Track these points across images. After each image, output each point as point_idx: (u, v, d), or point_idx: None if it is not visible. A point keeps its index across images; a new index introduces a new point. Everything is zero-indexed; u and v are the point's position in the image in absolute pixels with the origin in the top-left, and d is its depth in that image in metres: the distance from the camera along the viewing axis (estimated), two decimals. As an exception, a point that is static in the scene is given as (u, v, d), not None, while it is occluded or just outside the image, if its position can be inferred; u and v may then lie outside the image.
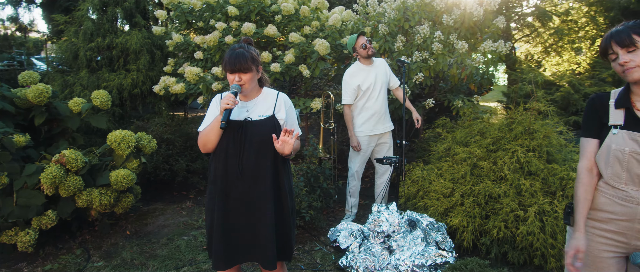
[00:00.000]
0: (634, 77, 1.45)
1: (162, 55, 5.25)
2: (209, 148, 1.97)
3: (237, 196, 1.95)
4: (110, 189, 3.36)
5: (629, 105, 1.53)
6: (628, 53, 1.44)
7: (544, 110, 3.64)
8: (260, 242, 1.97)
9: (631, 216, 1.50)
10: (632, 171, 1.48)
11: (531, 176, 3.23)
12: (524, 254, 3.02)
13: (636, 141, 1.47)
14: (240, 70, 1.90)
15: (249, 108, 2.01)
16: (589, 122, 1.61)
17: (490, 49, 4.14)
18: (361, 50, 3.61)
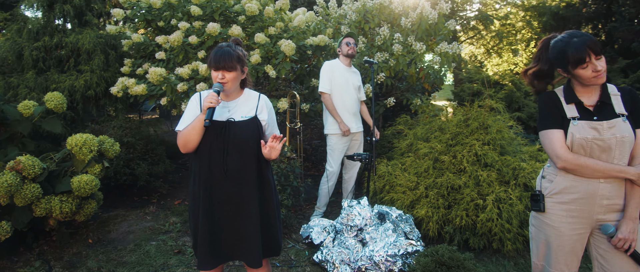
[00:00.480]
0: (602, 81, 1.68)
1: (116, 56, 5.03)
2: (190, 147, 1.95)
3: (222, 196, 1.95)
4: (72, 196, 3.20)
5: (578, 100, 1.75)
6: (597, 60, 1.65)
7: (495, 107, 3.95)
8: (245, 241, 1.98)
9: (592, 193, 1.72)
10: (593, 154, 1.70)
11: (487, 167, 3.50)
12: (483, 240, 3.27)
13: (595, 129, 1.69)
14: (225, 68, 1.92)
15: (230, 108, 2.01)
16: (552, 116, 1.80)
17: (445, 50, 4.41)
18: (345, 46, 3.79)
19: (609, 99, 1.74)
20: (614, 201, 1.72)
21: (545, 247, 1.85)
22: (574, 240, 1.78)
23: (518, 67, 12.88)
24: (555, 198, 1.80)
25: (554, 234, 1.80)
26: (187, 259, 3.18)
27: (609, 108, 1.73)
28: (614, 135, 1.68)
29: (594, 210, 1.73)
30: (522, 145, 3.96)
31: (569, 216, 1.77)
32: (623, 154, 1.70)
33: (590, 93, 1.76)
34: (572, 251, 1.79)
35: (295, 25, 4.30)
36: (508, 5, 11.12)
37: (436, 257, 2.48)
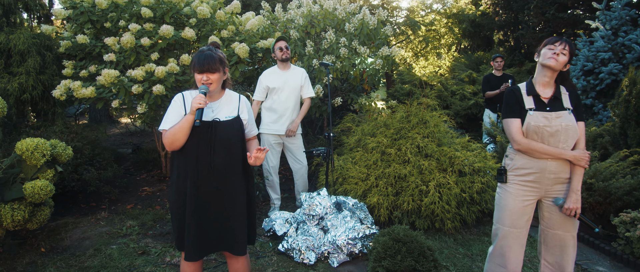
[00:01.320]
0: (551, 63, 2.15)
1: (53, 57, 4.79)
2: (177, 146, 2.07)
3: (209, 190, 2.09)
4: (24, 203, 3.07)
5: (535, 93, 2.20)
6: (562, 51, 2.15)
7: (432, 104, 4.45)
8: (231, 231, 2.14)
9: (543, 168, 2.18)
10: (544, 138, 2.16)
11: (428, 157, 3.97)
12: (427, 221, 3.72)
13: (546, 118, 2.16)
14: (209, 70, 2.07)
15: (214, 108, 2.16)
16: (513, 107, 2.25)
17: (386, 53, 4.85)
18: (278, 51, 3.96)
19: (560, 95, 2.21)
20: (559, 175, 2.19)
21: (503, 209, 2.29)
22: (525, 205, 2.24)
23: (442, 69, 14.08)
24: (515, 172, 2.26)
25: (510, 199, 2.26)
26: (153, 258, 3.22)
27: (559, 102, 2.20)
28: (560, 123, 2.15)
29: (544, 182, 2.20)
30: (455, 137, 4.51)
31: (524, 186, 2.23)
32: (567, 139, 2.15)
33: (545, 87, 2.22)
34: (522, 213, 2.25)
35: (247, 29, 4.45)
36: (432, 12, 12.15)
37: (393, 235, 2.82)
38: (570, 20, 7.25)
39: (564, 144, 2.17)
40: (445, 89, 7.66)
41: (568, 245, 2.24)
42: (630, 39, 5.40)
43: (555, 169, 2.18)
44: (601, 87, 5.61)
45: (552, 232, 2.27)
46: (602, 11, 5.86)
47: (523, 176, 2.24)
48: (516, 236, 2.28)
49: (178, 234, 2.16)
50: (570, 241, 2.24)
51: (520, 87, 2.29)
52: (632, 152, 3.95)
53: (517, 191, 2.26)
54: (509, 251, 2.30)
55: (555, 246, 2.27)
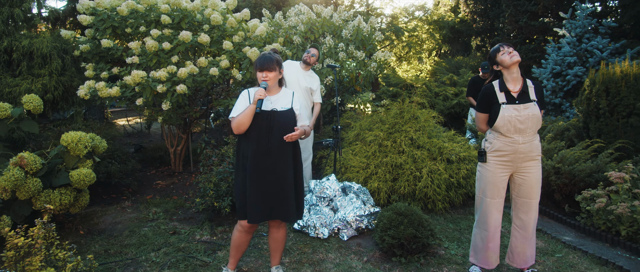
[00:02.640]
0: (516, 59, 2.64)
1: (71, 60, 5.14)
2: (242, 130, 2.52)
3: (267, 167, 2.55)
4: (70, 188, 3.46)
5: (507, 89, 2.72)
6: (508, 48, 2.66)
7: (422, 102, 5.02)
8: (285, 202, 2.60)
9: (514, 150, 2.70)
10: (515, 126, 2.67)
11: (420, 148, 4.51)
12: (421, 203, 4.25)
13: (516, 109, 2.66)
14: (267, 69, 2.55)
15: (273, 101, 2.64)
16: (483, 104, 2.79)
17: (381, 57, 5.40)
18: (308, 56, 4.40)
19: (527, 89, 2.72)
20: (528, 154, 2.71)
21: (484, 183, 2.81)
22: (501, 179, 2.77)
23: (423, 73, 14.82)
24: (493, 154, 2.77)
25: (490, 175, 2.77)
26: (184, 237, 3.64)
27: (527, 95, 2.71)
28: (528, 113, 2.66)
29: (516, 160, 2.72)
30: (442, 131, 5.08)
31: (500, 164, 2.76)
32: (533, 126, 2.68)
33: (514, 83, 2.72)
34: (501, 186, 2.77)
35: (256, 34, 4.92)
36: (414, 19, 12.87)
37: (396, 210, 3.34)
38: (541, 27, 8.00)
39: (531, 130, 2.69)
40: (429, 91, 8.28)
41: (532, 209, 2.78)
42: (592, 45, 6.13)
43: (525, 149, 2.70)
44: (568, 88, 6.32)
45: (521, 199, 2.81)
46: (568, 20, 6.59)
47: (500, 157, 2.76)
48: (494, 205, 2.81)
49: (241, 204, 2.60)
50: (534, 206, 2.79)
51: (493, 85, 2.79)
52: (593, 142, 4.61)
53: (495, 168, 2.78)
54: (490, 217, 2.83)
55: (522, 211, 2.81)
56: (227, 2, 5.24)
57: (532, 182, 2.74)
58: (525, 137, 2.68)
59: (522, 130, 2.67)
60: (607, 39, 6.10)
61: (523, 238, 2.84)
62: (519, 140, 2.68)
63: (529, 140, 2.69)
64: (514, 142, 2.69)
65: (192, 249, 3.38)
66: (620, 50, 6.08)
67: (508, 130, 2.69)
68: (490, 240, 2.84)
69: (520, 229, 2.84)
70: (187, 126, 5.55)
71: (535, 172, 2.75)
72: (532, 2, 8.03)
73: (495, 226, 2.83)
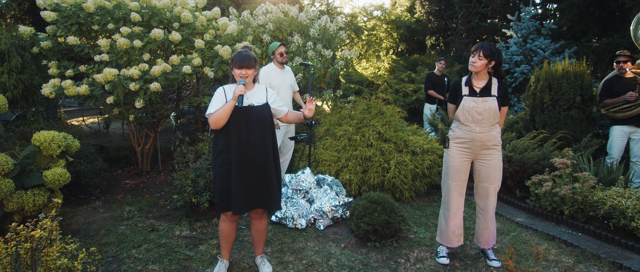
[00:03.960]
0: (470, 69, 2.96)
1: (31, 57, 4.94)
2: (220, 125, 2.63)
3: (248, 159, 2.67)
4: (43, 189, 3.39)
5: (471, 84, 3.03)
6: (478, 59, 2.93)
7: (387, 98, 5.31)
8: (268, 192, 2.74)
9: (471, 138, 3.01)
10: (473, 116, 2.98)
11: (387, 141, 4.80)
12: (389, 193, 4.54)
13: (475, 102, 2.97)
14: (247, 66, 2.67)
15: (249, 97, 2.76)
16: (452, 95, 3.10)
17: (346, 56, 5.64)
18: (279, 56, 4.56)
19: (490, 86, 3.01)
20: (485, 143, 3.03)
21: (447, 167, 3.11)
22: (462, 164, 3.08)
23: (381, 71, 15.33)
24: (455, 140, 3.09)
25: (452, 160, 3.09)
26: (163, 233, 3.68)
27: (488, 91, 3.01)
28: (484, 106, 2.97)
29: (474, 147, 3.04)
30: (406, 125, 5.41)
31: (461, 150, 3.07)
32: (489, 118, 2.98)
33: (480, 80, 3.03)
34: (461, 170, 3.08)
35: (227, 33, 4.99)
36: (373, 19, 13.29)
37: (370, 199, 3.59)
38: (490, 28, 8.61)
39: (487, 121, 3.00)
40: (390, 87, 8.67)
41: (490, 194, 3.11)
42: (536, 45, 6.73)
43: (482, 138, 3.02)
44: (515, 84, 6.90)
45: (481, 184, 3.14)
46: (514, 22, 7.17)
47: (460, 144, 3.08)
48: (456, 187, 3.13)
49: (222, 197, 2.70)
50: (492, 191, 3.11)
51: (461, 80, 3.13)
52: (539, 133, 5.11)
53: (456, 153, 3.10)
54: (451, 197, 3.14)
55: (482, 195, 3.14)
56: (197, 1, 5.25)
57: (489, 168, 3.07)
58: (482, 127, 3.00)
59: (479, 121, 2.99)
60: (548, 40, 6.73)
61: (485, 220, 3.17)
62: (476, 129, 3.01)
63: (486, 130, 3.01)
64: (472, 131, 3.01)
65: (174, 245, 3.43)
66: (559, 50, 6.72)
67: (467, 119, 3.01)
68: (451, 219, 3.15)
69: (482, 212, 3.17)
70: (156, 124, 5.50)
71: (493, 159, 3.07)
72: (482, 5, 8.63)
73: (456, 207, 3.15)
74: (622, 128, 4.64)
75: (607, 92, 4.73)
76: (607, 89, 4.75)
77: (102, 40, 4.30)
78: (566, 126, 5.11)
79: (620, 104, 4.61)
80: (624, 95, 4.54)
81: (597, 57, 6.83)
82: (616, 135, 4.68)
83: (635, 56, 4.77)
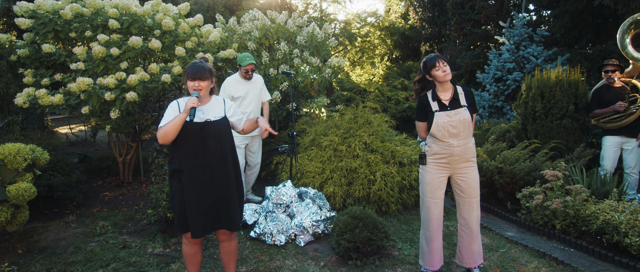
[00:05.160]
0: (447, 78, 2.80)
1: (8, 66, 4.79)
2: (168, 139, 2.45)
3: (205, 178, 2.51)
4: (7, 205, 3.22)
5: (438, 98, 2.88)
6: (444, 66, 2.78)
7: (375, 107, 5.17)
8: (228, 211, 2.58)
9: (450, 153, 2.85)
10: (449, 131, 2.83)
11: (374, 152, 4.65)
12: (375, 206, 4.38)
13: (449, 116, 2.82)
14: (200, 78, 2.51)
15: (204, 111, 2.60)
16: (420, 113, 2.95)
17: (334, 63, 5.50)
18: (243, 72, 4.41)
19: (457, 96, 2.89)
20: (463, 156, 2.88)
21: (424, 185, 2.95)
22: (440, 180, 2.92)
23: (376, 77, 15.22)
24: (431, 157, 2.93)
25: (430, 177, 2.92)
26: (135, 250, 3.50)
27: (457, 102, 2.88)
28: (459, 118, 2.83)
29: (453, 162, 2.88)
30: (394, 135, 5.26)
31: (438, 166, 2.91)
32: (465, 129, 2.85)
33: (445, 92, 2.89)
34: (438, 187, 2.92)
35: (210, 41, 4.85)
36: (366, 25, 13.20)
37: (351, 214, 3.42)
38: (483, 35, 8.50)
39: (463, 133, 2.86)
40: (382, 95, 8.52)
41: (473, 208, 2.96)
42: (529, 52, 6.61)
43: (460, 152, 2.86)
44: (508, 92, 6.76)
45: (463, 199, 2.98)
46: (507, 29, 7.06)
47: (438, 159, 2.92)
48: (435, 204, 2.96)
49: (180, 218, 2.55)
50: (475, 204, 2.96)
51: (427, 96, 2.95)
52: (530, 143, 4.97)
53: (434, 169, 2.94)
54: (432, 217, 2.98)
55: (465, 210, 2.98)
56: (180, 7, 5.12)
57: (470, 181, 2.92)
58: (459, 141, 2.86)
59: (455, 135, 2.84)
60: (541, 47, 6.60)
61: (469, 237, 3.00)
62: (454, 143, 2.85)
63: (464, 143, 2.86)
64: (450, 146, 2.86)
65: (144, 263, 3.26)
66: (552, 57, 6.60)
67: (443, 135, 2.85)
68: (432, 240, 2.99)
69: (465, 228, 3.01)
70: (137, 135, 5.34)
71: (471, 172, 2.93)
72: (475, 11, 8.52)
73: (437, 225, 2.98)
74: (613, 138, 4.50)
75: (597, 102, 4.60)
76: (596, 99, 4.62)
77: (78, 48, 4.15)
78: (559, 136, 4.96)
79: (610, 114, 4.47)
80: (614, 105, 4.40)
81: (591, 64, 6.70)
82: (608, 145, 4.54)
83: (623, 65, 4.64)
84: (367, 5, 38.26)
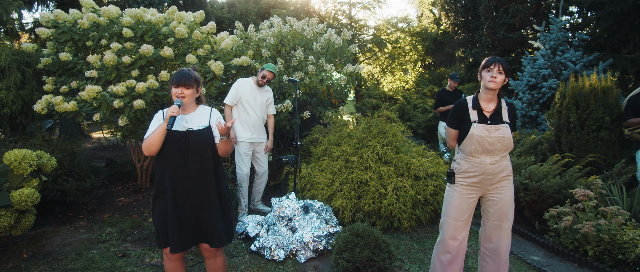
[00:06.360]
0: (492, 86, 2.49)
1: (33, 73, 4.98)
2: (153, 151, 2.38)
3: (185, 191, 2.40)
4: (11, 210, 3.28)
5: (480, 108, 2.59)
6: (498, 73, 2.49)
7: (391, 117, 4.91)
8: (209, 225, 2.45)
9: (483, 172, 2.56)
10: (484, 147, 2.53)
11: (387, 163, 4.39)
12: (386, 221, 4.12)
13: (487, 130, 2.52)
14: (184, 85, 2.41)
15: (188, 120, 2.49)
16: (454, 119, 2.66)
17: (350, 70, 5.30)
18: (261, 78, 4.38)
19: (501, 110, 2.57)
20: (497, 175, 2.57)
21: (450, 205, 2.67)
22: (469, 203, 2.63)
23: (408, 84, 14.80)
24: (461, 175, 2.64)
25: (458, 198, 2.63)
26: (133, 260, 3.46)
27: (499, 116, 2.56)
28: (498, 135, 2.52)
29: (485, 182, 2.59)
30: (412, 146, 4.97)
31: (468, 186, 2.62)
32: (503, 148, 2.54)
33: (488, 102, 2.59)
34: (467, 209, 2.64)
35: (222, 48, 4.81)
36: (397, 31, 12.87)
37: (353, 231, 3.20)
38: (518, 40, 7.98)
39: (500, 152, 2.56)
40: (408, 103, 8.21)
41: (504, 233, 2.64)
42: (566, 57, 6.09)
43: (495, 169, 2.56)
44: (543, 100, 6.27)
45: (493, 222, 2.66)
46: (542, 33, 6.57)
47: (468, 178, 2.62)
48: (459, 227, 2.67)
49: (159, 231, 2.45)
50: (507, 229, 2.64)
51: (467, 101, 2.66)
52: (563, 157, 4.52)
53: (463, 190, 2.64)
54: (453, 240, 2.69)
55: (494, 235, 2.66)
56: (195, 15, 5.13)
57: (504, 203, 2.61)
58: (494, 158, 2.56)
59: (490, 152, 2.55)
60: (580, 52, 6.07)
61: (496, 265, 2.68)
62: (486, 161, 2.56)
63: (498, 160, 2.57)
64: (482, 162, 2.57)
65: (139, 274, 3.20)
66: (593, 62, 6.05)
67: (476, 150, 2.56)
68: (450, 263, 2.70)
69: (493, 255, 2.69)
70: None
71: (506, 192, 2.62)
72: (510, 15, 8.02)
73: (459, 248, 2.70)
74: (651, 153, 3.99)
75: (632, 110, 4.09)
76: (632, 107, 4.10)
77: (92, 56, 4.23)
78: (596, 149, 4.49)
79: (645, 125, 3.96)
80: None
81: (638, 69, 6.08)
82: (648, 161, 4.03)
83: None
84: (397, 10, 37.63)
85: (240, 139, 4.46)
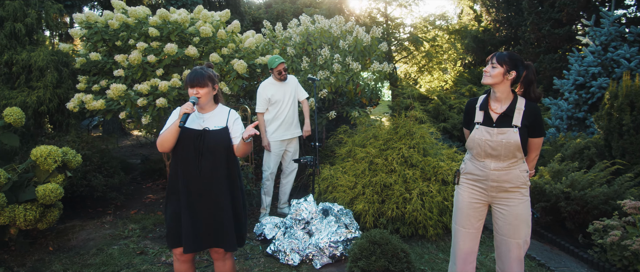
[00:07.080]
0: (486, 81, 2.30)
1: (69, 73, 5.17)
2: (166, 147, 2.34)
3: (198, 191, 2.34)
4: (36, 204, 3.38)
5: (487, 109, 2.37)
6: (491, 67, 2.28)
7: (420, 117, 4.66)
8: (220, 228, 2.37)
9: (486, 176, 2.34)
10: (486, 151, 2.32)
11: (413, 167, 4.16)
12: (411, 228, 3.89)
13: (488, 133, 2.30)
14: (198, 85, 2.35)
15: (205, 119, 2.44)
16: (465, 119, 2.50)
17: (377, 69, 5.10)
18: (277, 74, 4.27)
19: (512, 112, 2.29)
20: (501, 184, 2.32)
21: (455, 208, 2.49)
22: (474, 207, 2.41)
23: (447, 84, 14.25)
24: (465, 176, 2.47)
25: (461, 198, 2.46)
26: (149, 258, 3.47)
27: (508, 119, 2.29)
28: (501, 140, 2.28)
29: (489, 189, 2.36)
30: (443, 148, 4.69)
31: (472, 188, 2.42)
32: (507, 154, 2.28)
33: (498, 102, 2.35)
34: (471, 214, 2.42)
35: (246, 46, 4.77)
36: (435, 28, 12.41)
37: (370, 238, 3.02)
38: (565, 36, 7.40)
39: (506, 158, 2.29)
40: (443, 103, 7.85)
41: (511, 250, 2.35)
42: (619, 54, 5.55)
43: (497, 177, 2.31)
44: (593, 101, 5.75)
45: (499, 237, 2.41)
46: (591, 28, 6.02)
47: (471, 180, 2.43)
48: (465, 235, 2.44)
49: (169, 231, 2.40)
50: (514, 247, 2.34)
51: (476, 101, 2.45)
52: (612, 163, 4.08)
53: (467, 191, 2.44)
54: (458, 248, 2.47)
55: (502, 253, 2.40)
56: (220, 14, 5.13)
57: (512, 217, 2.34)
58: (499, 163, 2.31)
59: (494, 156, 2.32)
60: (636, 47, 5.50)
61: None
62: (490, 165, 2.33)
63: (503, 167, 2.31)
64: (485, 167, 2.35)
65: (153, 272, 3.20)
66: (652, 59, 5.46)
67: (478, 153, 2.36)
68: None
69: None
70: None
71: (517, 206, 2.33)
72: (556, 9, 7.45)
73: (464, 260, 2.47)
74: None
75: None
76: None
77: (119, 55, 4.32)
78: (652, 156, 4.02)
79: None
80: None
81: None
82: None
83: None
84: (435, 7, 36.44)
85: (272, 138, 4.38)
